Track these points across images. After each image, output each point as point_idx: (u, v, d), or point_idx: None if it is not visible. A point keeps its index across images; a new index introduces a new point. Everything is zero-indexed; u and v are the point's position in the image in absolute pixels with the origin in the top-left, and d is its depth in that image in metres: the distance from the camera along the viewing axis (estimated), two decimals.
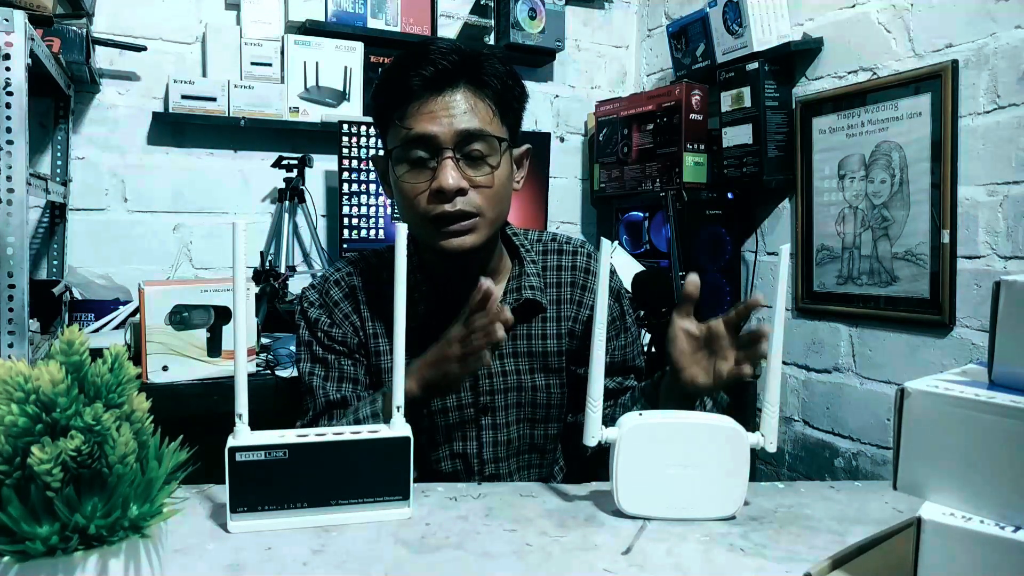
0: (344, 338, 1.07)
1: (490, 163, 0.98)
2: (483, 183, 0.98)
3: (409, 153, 0.98)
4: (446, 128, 0.96)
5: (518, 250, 1.11)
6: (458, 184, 0.95)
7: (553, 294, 1.12)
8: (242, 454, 0.70)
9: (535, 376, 1.10)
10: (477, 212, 0.98)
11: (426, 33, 2.51)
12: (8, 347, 1.38)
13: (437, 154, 0.96)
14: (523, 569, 0.65)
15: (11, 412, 0.46)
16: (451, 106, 0.96)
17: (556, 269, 1.13)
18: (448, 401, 1.07)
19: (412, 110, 0.97)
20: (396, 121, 0.99)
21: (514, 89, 1.03)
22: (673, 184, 2.29)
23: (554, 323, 1.11)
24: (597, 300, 0.79)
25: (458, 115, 0.96)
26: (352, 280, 1.09)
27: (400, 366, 0.75)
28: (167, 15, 2.27)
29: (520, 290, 1.08)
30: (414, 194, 0.98)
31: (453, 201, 0.96)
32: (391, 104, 1.00)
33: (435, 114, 0.96)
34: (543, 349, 1.10)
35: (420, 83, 0.96)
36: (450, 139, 0.96)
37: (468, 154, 0.97)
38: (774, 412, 0.78)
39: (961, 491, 0.49)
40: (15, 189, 1.37)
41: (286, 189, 2.29)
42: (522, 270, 1.10)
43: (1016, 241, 1.65)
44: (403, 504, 0.75)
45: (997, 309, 0.51)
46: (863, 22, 1.98)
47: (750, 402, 2.28)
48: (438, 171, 0.96)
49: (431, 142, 0.96)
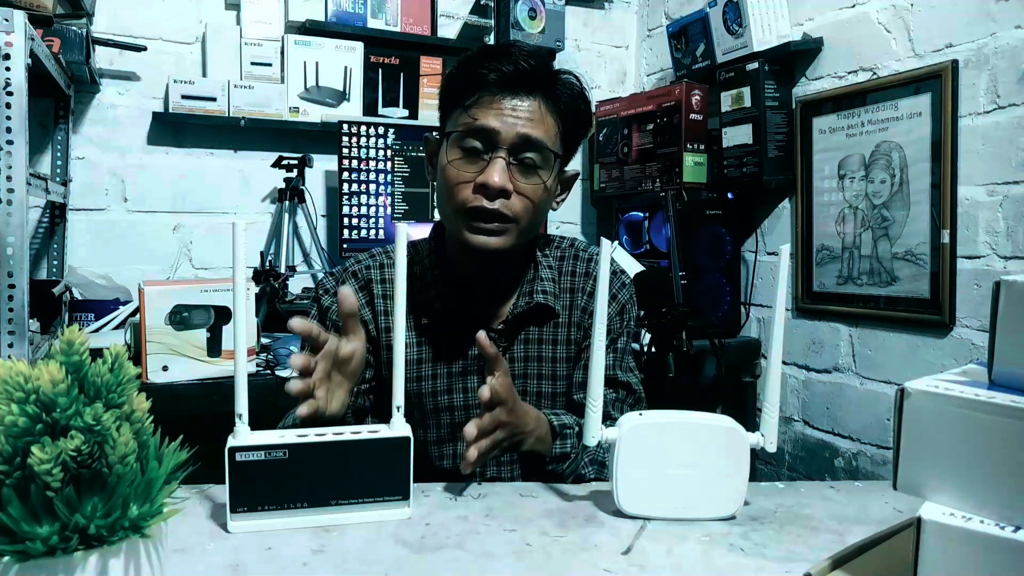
0: None
1: (540, 174, 0.99)
2: (528, 192, 0.98)
3: (466, 141, 0.98)
4: (509, 128, 0.96)
5: (534, 253, 1.11)
6: (504, 184, 0.96)
7: (566, 299, 1.11)
8: (242, 454, 0.70)
9: (542, 382, 1.09)
10: (513, 217, 0.98)
11: (426, 33, 2.51)
12: (8, 347, 1.38)
13: (492, 149, 0.97)
14: (523, 569, 0.65)
15: (11, 412, 0.46)
16: (519, 109, 0.97)
17: (571, 275, 1.12)
18: (455, 398, 1.07)
19: (482, 101, 0.97)
20: (463, 107, 0.99)
21: (583, 113, 1.04)
22: (673, 184, 2.29)
23: (565, 328, 1.10)
24: (597, 301, 0.79)
25: (524, 119, 0.97)
26: (370, 273, 1.09)
27: (400, 366, 0.75)
28: (167, 15, 2.27)
29: (532, 294, 1.08)
30: (458, 181, 0.98)
31: (494, 200, 0.96)
32: (463, 90, 0.99)
33: (503, 111, 0.97)
34: (553, 354, 1.10)
35: (497, 78, 0.97)
36: (510, 139, 0.96)
37: (522, 160, 0.97)
38: (774, 412, 0.78)
39: (961, 491, 0.49)
40: (15, 189, 1.37)
41: (286, 189, 2.29)
42: (537, 274, 1.09)
43: (1016, 241, 1.65)
44: (403, 504, 0.75)
45: (997, 309, 0.51)
46: (863, 22, 1.98)
47: (750, 402, 2.28)
48: (488, 166, 0.96)
49: (491, 137, 0.96)
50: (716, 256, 2.29)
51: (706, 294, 2.27)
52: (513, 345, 1.08)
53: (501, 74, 0.97)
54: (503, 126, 0.96)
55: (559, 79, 1.00)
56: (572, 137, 1.04)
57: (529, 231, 1.02)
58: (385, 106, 2.48)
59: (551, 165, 1.00)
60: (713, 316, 2.26)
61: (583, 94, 1.04)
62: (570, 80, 1.02)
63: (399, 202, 2.35)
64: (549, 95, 0.99)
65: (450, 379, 1.07)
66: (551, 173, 1.00)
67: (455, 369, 1.07)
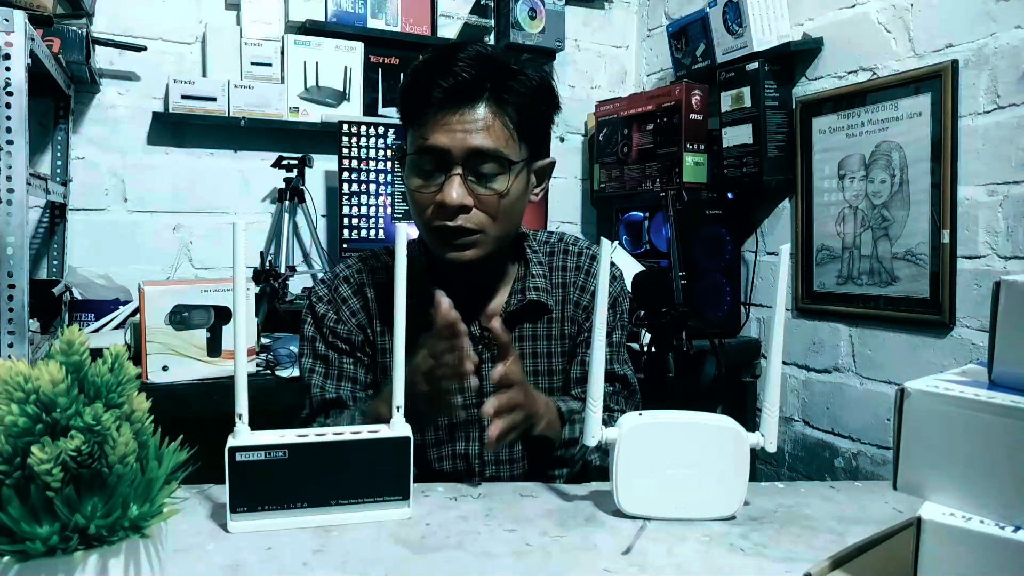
0: (349, 335, 1.07)
1: (499, 182, 0.97)
2: (488, 201, 0.97)
3: (420, 162, 0.98)
4: (458, 143, 0.94)
5: (524, 251, 1.11)
6: (461, 201, 0.95)
7: (559, 295, 1.11)
8: (242, 454, 0.70)
9: (539, 378, 1.10)
10: (479, 229, 0.97)
11: (426, 33, 2.50)
12: (8, 347, 1.38)
13: (446, 168, 0.96)
14: (523, 569, 0.65)
15: (11, 412, 0.46)
16: (467, 121, 0.95)
17: (561, 270, 1.12)
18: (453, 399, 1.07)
19: (429, 120, 0.96)
20: (412, 128, 0.98)
21: (541, 104, 1.01)
22: (673, 184, 2.29)
23: (558, 323, 1.11)
24: (597, 301, 0.78)
25: (473, 131, 0.95)
26: (362, 277, 1.09)
27: (400, 366, 0.75)
28: (167, 15, 2.27)
29: (525, 291, 1.08)
30: (420, 202, 0.98)
31: (455, 218, 0.96)
32: (411, 109, 0.99)
33: (450, 127, 0.95)
34: (548, 350, 1.10)
35: (440, 94, 0.95)
36: (460, 155, 0.95)
37: (478, 172, 0.96)
38: (774, 412, 0.78)
39: (961, 491, 0.49)
40: (15, 189, 1.37)
41: (286, 189, 2.29)
42: (527, 271, 1.10)
43: (1016, 241, 1.65)
44: (403, 504, 0.75)
45: (997, 309, 0.51)
46: (863, 22, 1.98)
47: (750, 402, 2.28)
48: (444, 185, 0.95)
49: (442, 155, 0.95)
50: (716, 256, 2.29)
51: (706, 294, 2.27)
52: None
53: (443, 89, 0.94)
54: (452, 142, 0.94)
55: (506, 81, 0.97)
56: (535, 132, 1.02)
57: (503, 237, 1.02)
58: (385, 106, 2.48)
59: (510, 171, 0.98)
60: (713, 316, 2.26)
61: (541, 84, 1.00)
62: (520, 77, 0.98)
63: (399, 202, 2.34)
64: (498, 99, 0.96)
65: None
66: (512, 177, 0.98)
67: None
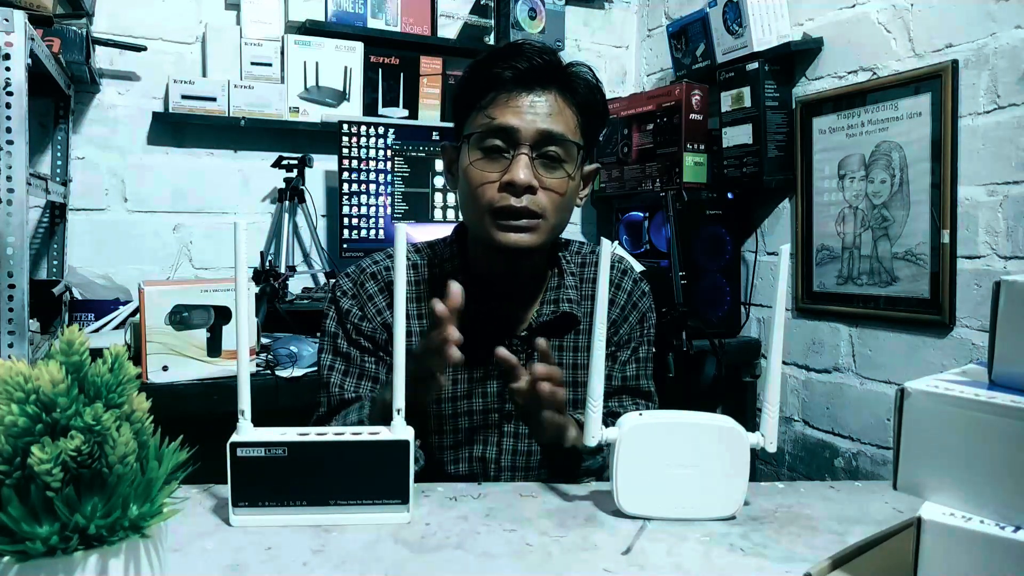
0: (373, 333, 1.06)
1: (565, 168, 0.98)
2: (554, 186, 0.97)
3: (487, 141, 0.97)
4: (529, 124, 0.96)
5: (559, 260, 1.10)
6: (529, 180, 0.95)
7: (588, 307, 1.10)
8: (243, 450, 0.71)
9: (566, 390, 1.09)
10: (541, 213, 0.97)
11: (426, 33, 2.51)
12: (8, 347, 1.38)
13: (515, 147, 0.96)
14: (523, 569, 0.65)
15: (11, 412, 0.46)
16: (538, 105, 0.97)
17: (593, 282, 1.11)
18: (475, 403, 1.06)
19: (499, 100, 0.97)
20: (480, 108, 0.98)
21: (600, 104, 1.03)
22: (673, 184, 2.29)
23: (586, 336, 1.09)
24: (597, 302, 0.78)
25: (543, 115, 0.96)
26: (390, 275, 1.07)
27: (400, 366, 0.75)
28: (167, 15, 2.27)
29: (558, 302, 1.07)
30: (482, 181, 0.97)
31: (521, 197, 0.96)
32: (478, 91, 0.99)
33: (521, 109, 0.96)
34: (574, 361, 1.09)
35: (512, 75, 0.96)
36: (531, 136, 0.96)
37: (545, 154, 0.97)
38: (774, 412, 0.78)
39: (961, 491, 0.49)
40: (15, 189, 1.37)
41: (286, 189, 2.29)
42: (561, 282, 1.09)
43: (1016, 241, 1.65)
44: (402, 508, 0.74)
45: (997, 309, 0.51)
46: (863, 22, 1.98)
47: (750, 402, 2.28)
48: (512, 164, 0.96)
49: (512, 135, 0.96)
50: (716, 256, 2.29)
51: (706, 294, 2.27)
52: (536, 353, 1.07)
53: (516, 71, 0.96)
54: (523, 123, 0.96)
55: (573, 72, 1.00)
56: (591, 129, 1.04)
57: (558, 227, 1.02)
58: (385, 106, 2.48)
59: (574, 157, 0.99)
60: (713, 316, 2.26)
61: (597, 85, 1.04)
62: (583, 72, 1.01)
63: (399, 202, 2.34)
64: (565, 88, 0.99)
65: (470, 384, 1.06)
66: (575, 165, 0.99)
67: (476, 374, 1.06)
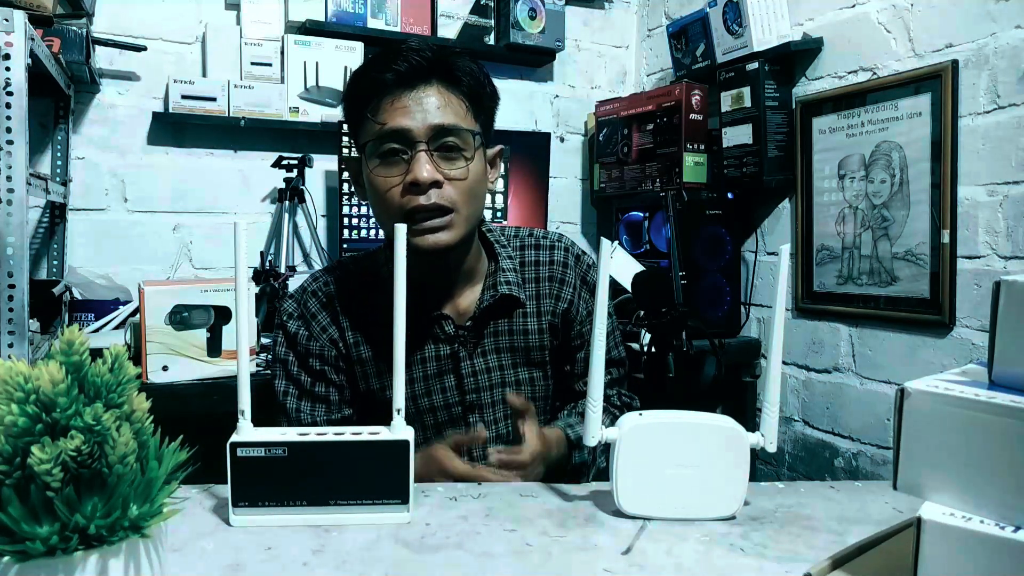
0: (322, 351, 1.07)
1: (465, 156, 0.99)
2: (458, 176, 0.98)
3: (382, 147, 0.98)
4: (419, 122, 0.96)
5: (493, 247, 1.11)
6: (432, 176, 0.96)
7: (532, 289, 1.12)
8: (243, 450, 0.71)
9: (519, 371, 1.11)
10: (452, 207, 0.98)
11: (426, 33, 2.50)
12: (8, 347, 1.38)
13: (411, 147, 0.97)
14: (523, 569, 0.65)
15: (11, 412, 0.46)
16: (424, 100, 0.97)
17: (534, 264, 1.13)
18: (435, 400, 1.08)
19: (385, 105, 0.97)
20: (369, 116, 0.99)
21: (486, 87, 1.04)
22: (673, 184, 2.29)
23: (534, 317, 1.11)
24: (597, 302, 0.78)
25: (431, 109, 0.97)
26: (329, 289, 1.09)
27: (400, 367, 0.75)
28: (167, 15, 2.27)
29: (496, 287, 1.08)
30: (387, 188, 0.98)
31: (428, 194, 0.96)
32: (364, 100, 1.00)
33: (408, 108, 0.96)
34: (525, 343, 1.11)
35: (393, 78, 0.97)
36: (423, 133, 0.96)
37: (442, 147, 0.98)
38: (774, 412, 0.78)
39: (961, 491, 0.49)
40: (15, 189, 1.37)
41: (286, 189, 2.29)
42: (498, 266, 1.10)
43: (1016, 241, 1.65)
44: (402, 508, 0.74)
45: (997, 309, 0.51)
46: (863, 22, 1.98)
47: (750, 402, 2.28)
48: (412, 164, 0.96)
49: (405, 136, 0.96)
50: (716, 256, 2.29)
51: (706, 294, 2.27)
52: (484, 339, 1.09)
53: (396, 73, 0.97)
54: (413, 122, 0.96)
55: (452, 61, 1.00)
56: (484, 113, 1.04)
57: (472, 216, 1.02)
58: None
59: (472, 144, 1.00)
60: (713, 316, 2.26)
61: (482, 70, 1.04)
62: (464, 60, 1.02)
63: None
64: (448, 79, 0.99)
65: (427, 382, 1.08)
66: (474, 152, 1.00)
67: (430, 371, 1.08)
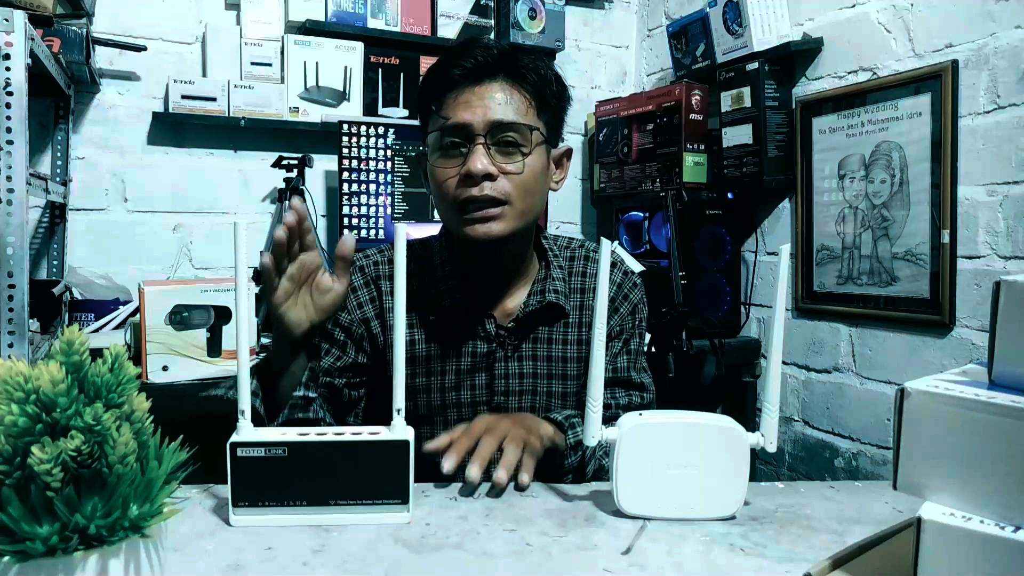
0: (349, 324, 1.08)
1: (522, 151, 1.00)
2: (513, 171, 0.99)
3: (443, 140, 1.00)
4: (479, 117, 0.98)
5: (546, 253, 1.12)
6: (486, 169, 0.97)
7: (577, 300, 1.11)
8: (243, 450, 0.71)
9: (552, 381, 1.10)
10: (505, 199, 0.99)
11: (426, 33, 2.51)
12: (8, 347, 1.37)
13: (469, 141, 0.98)
14: (523, 569, 0.65)
15: (11, 412, 0.46)
16: (486, 96, 0.99)
17: (581, 275, 1.13)
18: (463, 395, 1.07)
19: (450, 100, 1.00)
20: (435, 111, 1.02)
21: (553, 84, 1.05)
22: (673, 184, 2.29)
23: (575, 329, 1.11)
24: (597, 300, 0.78)
25: (492, 105, 0.99)
26: (377, 269, 1.09)
27: (400, 367, 0.75)
28: (167, 15, 2.27)
29: (544, 293, 1.08)
30: (444, 179, 1.00)
31: (481, 185, 0.97)
32: (432, 95, 1.02)
33: (471, 103, 0.99)
34: (563, 354, 1.10)
35: (460, 73, 0.99)
36: (482, 127, 0.98)
37: (500, 142, 0.99)
38: (774, 412, 0.78)
39: (961, 491, 0.49)
40: (15, 189, 1.37)
41: (286, 189, 2.29)
42: (548, 273, 1.10)
43: (1016, 241, 1.65)
44: (402, 508, 0.74)
45: (997, 309, 0.51)
46: (863, 22, 1.98)
47: (750, 402, 2.28)
48: (468, 156, 0.98)
49: (464, 130, 0.98)
50: (716, 256, 2.29)
51: (706, 294, 2.27)
52: (523, 343, 1.08)
53: (464, 69, 0.99)
54: (473, 116, 0.98)
55: (520, 58, 1.02)
56: (550, 111, 1.06)
57: (527, 212, 1.02)
58: (385, 106, 2.48)
59: (531, 141, 1.01)
60: (713, 316, 2.26)
61: (551, 68, 1.06)
62: (532, 57, 1.03)
63: (399, 202, 2.35)
64: (514, 75, 1.01)
65: (458, 376, 1.07)
66: (533, 148, 1.01)
67: (463, 366, 1.07)
